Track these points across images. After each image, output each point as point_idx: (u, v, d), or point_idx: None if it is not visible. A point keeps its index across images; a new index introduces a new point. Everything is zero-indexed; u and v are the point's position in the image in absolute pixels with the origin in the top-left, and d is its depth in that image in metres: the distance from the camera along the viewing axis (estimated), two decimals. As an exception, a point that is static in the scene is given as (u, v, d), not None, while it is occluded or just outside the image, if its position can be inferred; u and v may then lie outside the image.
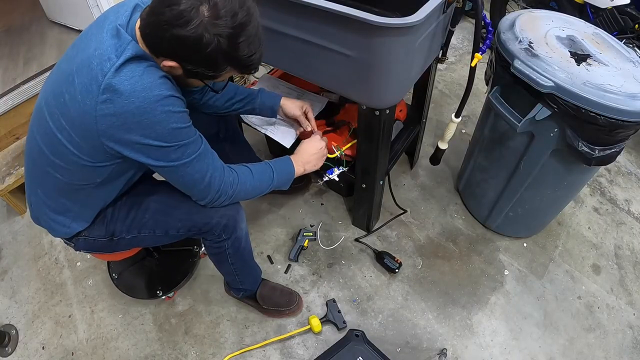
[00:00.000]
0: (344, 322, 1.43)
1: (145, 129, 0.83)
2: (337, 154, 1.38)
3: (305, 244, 1.64)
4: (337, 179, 1.38)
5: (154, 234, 1.12)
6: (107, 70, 0.80)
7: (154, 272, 1.58)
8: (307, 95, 1.56)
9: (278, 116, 1.38)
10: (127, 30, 0.85)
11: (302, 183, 1.85)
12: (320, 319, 1.42)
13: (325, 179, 1.38)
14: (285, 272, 1.59)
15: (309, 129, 1.34)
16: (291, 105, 1.34)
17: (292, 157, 1.20)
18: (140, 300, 1.54)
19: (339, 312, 1.45)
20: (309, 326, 1.42)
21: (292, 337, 1.43)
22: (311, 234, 1.66)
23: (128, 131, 0.83)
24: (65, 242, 1.14)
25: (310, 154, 1.23)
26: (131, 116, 0.81)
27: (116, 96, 0.80)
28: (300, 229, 1.68)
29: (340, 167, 1.39)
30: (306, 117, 1.35)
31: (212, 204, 1.04)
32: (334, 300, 1.48)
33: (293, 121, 1.38)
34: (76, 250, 1.15)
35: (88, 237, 1.10)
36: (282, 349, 1.41)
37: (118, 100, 0.80)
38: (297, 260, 1.61)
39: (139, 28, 0.84)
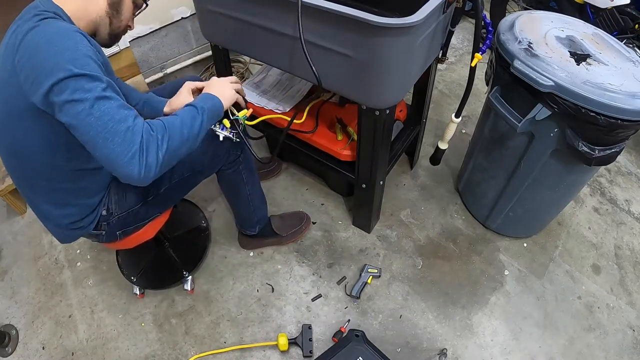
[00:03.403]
0: (310, 352, 1.37)
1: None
2: (240, 115, 1.19)
3: (369, 281, 1.54)
4: (220, 138, 1.17)
5: (183, 176, 1.18)
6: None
7: (171, 256, 1.60)
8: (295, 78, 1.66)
9: (261, 89, 1.49)
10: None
11: (272, 167, 1.89)
12: (289, 339, 1.38)
13: (215, 128, 1.18)
14: (313, 299, 1.52)
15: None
16: (179, 97, 1.23)
17: (205, 90, 1.09)
18: (141, 300, 1.54)
19: (311, 340, 1.39)
20: (276, 342, 1.39)
21: (255, 348, 1.41)
22: (376, 271, 1.56)
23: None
24: (93, 238, 1.16)
25: (222, 83, 1.10)
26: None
27: None
28: (365, 264, 1.58)
29: (231, 132, 1.18)
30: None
31: (145, 165, 0.82)
32: (309, 327, 1.42)
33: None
34: (106, 240, 1.17)
35: (121, 213, 1.12)
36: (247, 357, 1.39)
37: None
38: (359, 297, 1.51)
39: None
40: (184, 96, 1.21)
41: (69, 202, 1.05)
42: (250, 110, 1.22)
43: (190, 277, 1.54)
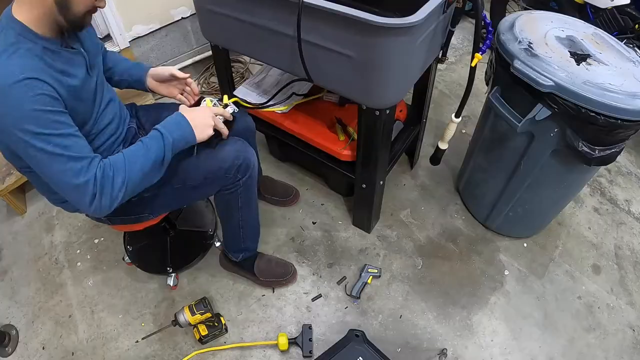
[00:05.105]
0: (310, 352, 1.36)
1: None
2: (230, 102, 1.22)
3: (369, 281, 1.53)
4: (230, 111, 1.18)
5: (172, 187, 1.16)
6: None
7: (167, 249, 1.60)
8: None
9: (261, 89, 1.54)
10: None
11: (290, 197, 1.80)
12: (289, 339, 1.38)
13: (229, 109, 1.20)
14: (313, 299, 1.52)
15: (187, 75, 1.26)
16: (160, 70, 1.26)
17: (180, 110, 1.09)
18: (141, 299, 1.54)
19: (311, 340, 1.39)
20: (276, 342, 1.38)
21: (255, 347, 1.41)
22: (376, 271, 1.56)
23: None
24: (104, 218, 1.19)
25: (198, 114, 1.09)
26: None
27: None
28: (365, 264, 1.58)
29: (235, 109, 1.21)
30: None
31: (99, 207, 0.91)
32: (310, 327, 1.42)
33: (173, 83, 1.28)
34: (96, 219, 1.22)
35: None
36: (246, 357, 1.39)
37: None
38: (359, 297, 1.50)
39: None
40: (164, 70, 1.24)
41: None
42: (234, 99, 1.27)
43: (173, 274, 1.53)
